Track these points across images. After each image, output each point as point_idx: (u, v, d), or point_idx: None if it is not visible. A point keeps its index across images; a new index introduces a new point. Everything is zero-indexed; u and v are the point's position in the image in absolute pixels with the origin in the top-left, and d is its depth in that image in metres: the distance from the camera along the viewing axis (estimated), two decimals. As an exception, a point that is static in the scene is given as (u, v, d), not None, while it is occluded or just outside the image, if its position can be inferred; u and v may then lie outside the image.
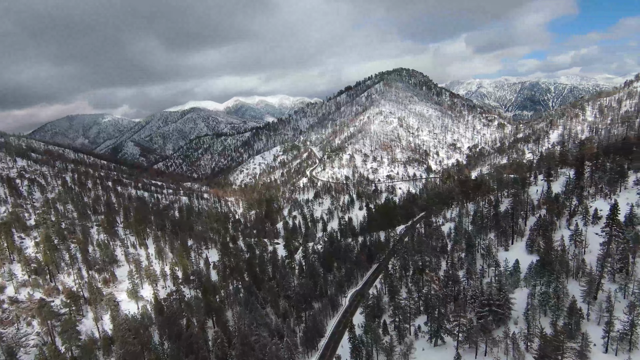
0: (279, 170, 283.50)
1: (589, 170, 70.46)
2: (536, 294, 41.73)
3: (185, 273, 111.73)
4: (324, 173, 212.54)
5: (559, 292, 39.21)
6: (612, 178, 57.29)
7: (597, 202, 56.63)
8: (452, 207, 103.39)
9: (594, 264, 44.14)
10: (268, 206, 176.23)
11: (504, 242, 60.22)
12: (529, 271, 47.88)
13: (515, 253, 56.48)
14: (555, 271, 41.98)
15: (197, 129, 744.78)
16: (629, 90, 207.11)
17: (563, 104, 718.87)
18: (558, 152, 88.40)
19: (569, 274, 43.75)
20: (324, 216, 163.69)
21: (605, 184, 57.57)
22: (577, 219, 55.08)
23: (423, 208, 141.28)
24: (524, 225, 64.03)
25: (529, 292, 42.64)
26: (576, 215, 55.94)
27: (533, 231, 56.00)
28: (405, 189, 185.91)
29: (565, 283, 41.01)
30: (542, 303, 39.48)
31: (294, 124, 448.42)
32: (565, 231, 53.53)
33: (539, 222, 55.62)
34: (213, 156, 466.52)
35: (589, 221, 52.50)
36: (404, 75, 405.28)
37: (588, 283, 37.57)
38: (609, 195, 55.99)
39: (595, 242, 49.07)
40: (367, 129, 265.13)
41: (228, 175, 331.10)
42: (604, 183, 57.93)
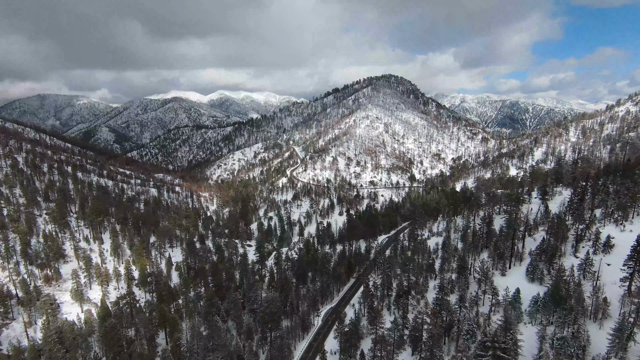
0: (258, 168, 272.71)
1: (590, 192, 65.38)
2: (547, 337, 34.80)
3: (142, 274, 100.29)
4: (305, 174, 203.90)
5: (580, 339, 32.41)
6: (621, 203, 51.71)
7: (607, 227, 50.86)
8: (439, 220, 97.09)
9: (611, 300, 37.82)
10: (243, 205, 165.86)
11: (501, 265, 53.57)
12: (533, 305, 41.06)
13: (514, 279, 49.81)
14: (572, 310, 35.20)
15: (177, 119, 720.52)
16: (611, 114, 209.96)
17: (540, 124, 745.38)
18: (552, 169, 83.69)
19: (585, 314, 37.18)
20: (301, 219, 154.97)
21: (615, 209, 51.91)
22: (584, 245, 49.13)
23: (406, 218, 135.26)
24: (522, 247, 57.69)
25: (538, 333, 35.65)
26: (583, 241, 49.90)
27: (535, 256, 49.49)
28: (388, 196, 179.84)
29: (585, 327, 34.28)
30: (559, 351, 32.57)
31: (278, 122, 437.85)
32: (572, 259, 47.29)
33: (542, 247, 49.19)
34: (191, 148, 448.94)
35: (599, 249, 46.48)
36: (392, 82, 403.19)
37: (618, 331, 30.92)
38: (621, 222, 50.33)
39: (608, 274, 42.90)
40: (353, 133, 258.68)
41: (205, 169, 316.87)
42: (614, 207, 52.28)
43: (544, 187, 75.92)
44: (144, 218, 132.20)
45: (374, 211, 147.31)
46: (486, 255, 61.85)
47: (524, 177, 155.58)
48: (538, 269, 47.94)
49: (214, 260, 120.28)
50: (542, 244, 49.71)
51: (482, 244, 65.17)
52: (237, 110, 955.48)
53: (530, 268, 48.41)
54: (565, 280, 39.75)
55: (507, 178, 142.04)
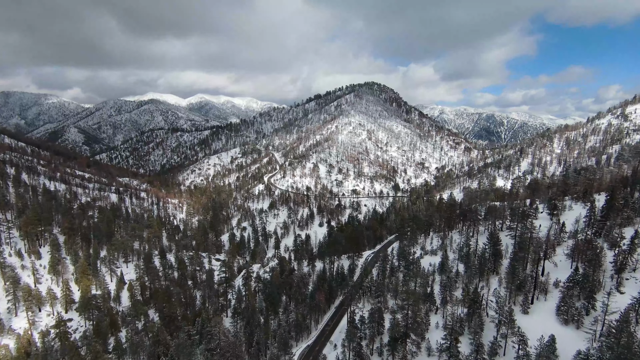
0: (234, 174, 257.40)
1: (604, 205, 56.30)
2: None
3: (84, 296, 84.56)
4: (284, 181, 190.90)
5: None
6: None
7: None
8: (431, 236, 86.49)
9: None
10: (214, 214, 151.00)
11: (521, 299, 42.79)
12: (579, 363, 30.09)
13: (541, 320, 39.08)
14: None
15: (153, 121, 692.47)
16: (594, 127, 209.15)
17: (514, 137, 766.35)
18: (559, 180, 74.95)
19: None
20: (278, 230, 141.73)
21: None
22: (628, 276, 39.16)
23: (392, 231, 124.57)
24: (542, 275, 47.24)
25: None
26: (625, 271, 39.88)
27: (566, 290, 38.92)
28: (371, 206, 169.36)
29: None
30: None
31: (257, 126, 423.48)
32: (617, 296, 36.95)
33: (575, 278, 38.73)
34: (165, 152, 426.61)
35: (650, 283, 36.52)
36: (375, 89, 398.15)
37: None
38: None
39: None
40: (335, 139, 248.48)
41: (177, 174, 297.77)
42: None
43: (552, 201, 66.58)
44: (97, 228, 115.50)
45: (357, 223, 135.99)
46: (496, 282, 51.15)
47: (513, 187, 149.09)
48: (573, 307, 37.31)
49: (176, 278, 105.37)
50: (574, 274, 39.21)
51: (490, 268, 54.49)
52: (217, 114, 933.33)
53: (563, 307, 37.73)
54: (629, 332, 29.09)
55: (496, 188, 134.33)
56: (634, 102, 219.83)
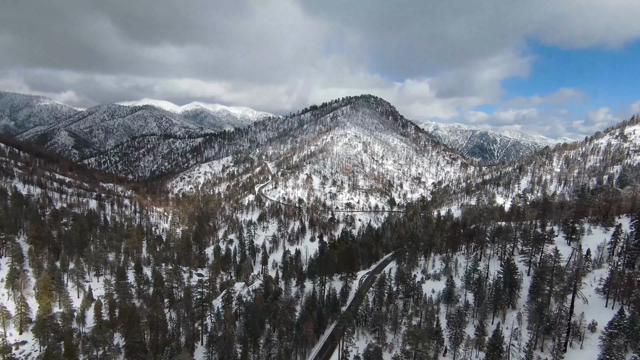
0: (225, 183, 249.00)
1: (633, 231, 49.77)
2: None
3: (42, 315, 75.24)
4: (275, 192, 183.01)
5: None
6: None
7: None
8: (432, 257, 79.07)
9: None
10: (199, 224, 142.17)
11: (551, 344, 35.38)
12: None
13: (579, 375, 31.56)
14: None
15: (147, 127, 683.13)
16: (592, 146, 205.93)
17: (507, 155, 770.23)
18: (573, 200, 68.49)
19: None
20: (266, 244, 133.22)
21: None
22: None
23: (388, 248, 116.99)
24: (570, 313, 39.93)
25: None
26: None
27: (609, 337, 31.65)
28: (366, 220, 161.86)
29: None
30: None
31: (252, 135, 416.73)
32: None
33: (621, 324, 31.57)
34: (156, 158, 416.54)
35: None
36: (372, 102, 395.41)
37: None
38: None
39: None
40: (329, 150, 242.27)
41: (166, 181, 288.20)
42: None
43: (570, 223, 59.92)
44: (68, 237, 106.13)
45: (350, 239, 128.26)
46: (513, 318, 43.72)
47: (514, 206, 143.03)
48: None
49: (150, 295, 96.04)
50: (619, 319, 32.03)
51: (505, 300, 47.12)
52: (212, 122, 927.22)
53: (608, 359, 30.35)
54: None
55: (499, 207, 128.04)
56: (632, 123, 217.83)
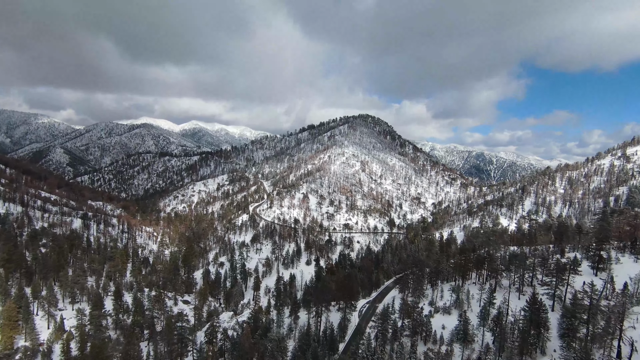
0: (219, 202, 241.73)
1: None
2: None
3: (4, 349, 66.85)
4: (270, 211, 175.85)
5: None
6: None
7: None
8: (439, 286, 71.89)
9: None
10: (188, 246, 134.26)
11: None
12: None
13: None
14: None
15: (144, 145, 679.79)
16: (595, 167, 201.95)
17: (503, 175, 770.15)
18: (597, 225, 62.25)
19: None
20: (259, 268, 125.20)
21: None
22: None
23: (388, 274, 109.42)
24: None
25: None
26: None
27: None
28: (365, 243, 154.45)
29: None
30: None
31: (248, 154, 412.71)
32: None
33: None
34: (151, 176, 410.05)
35: None
36: (369, 122, 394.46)
37: None
38: None
39: None
40: (327, 169, 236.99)
41: (159, 199, 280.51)
42: None
43: (594, 250, 53.55)
44: (44, 260, 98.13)
45: (349, 262, 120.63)
46: (545, 368, 36.65)
47: (526, 230, 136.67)
48: None
49: (129, 325, 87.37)
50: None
51: (532, 344, 40.10)
52: (210, 141, 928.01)
53: None
54: None
55: (503, 229, 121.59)
56: (634, 144, 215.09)
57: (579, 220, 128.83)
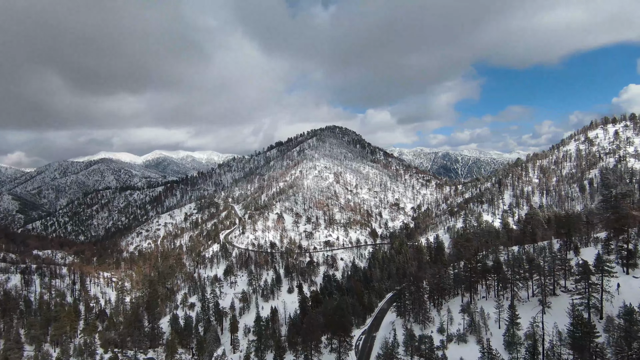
0: (188, 233, 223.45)
1: None
2: None
3: None
4: (243, 237, 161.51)
5: None
6: None
7: None
8: (443, 304, 62.04)
9: None
10: (151, 290, 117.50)
11: None
12: None
13: None
14: None
15: (103, 182, 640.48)
16: (563, 153, 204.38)
17: (469, 172, 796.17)
18: (608, 213, 55.00)
19: None
20: (235, 304, 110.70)
21: None
22: None
23: (380, 293, 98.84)
24: None
25: None
26: None
27: None
28: (349, 259, 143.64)
29: None
30: None
31: (216, 178, 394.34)
32: None
33: None
34: (111, 214, 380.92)
35: None
36: (337, 132, 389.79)
37: None
38: None
39: None
40: (300, 185, 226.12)
41: (121, 238, 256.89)
42: None
43: (617, 243, 45.77)
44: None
45: (334, 284, 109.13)
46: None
47: (504, 223, 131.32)
48: None
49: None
50: None
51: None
52: (176, 170, 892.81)
53: None
54: None
55: (495, 227, 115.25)
56: (593, 128, 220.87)
57: (584, 210, 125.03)
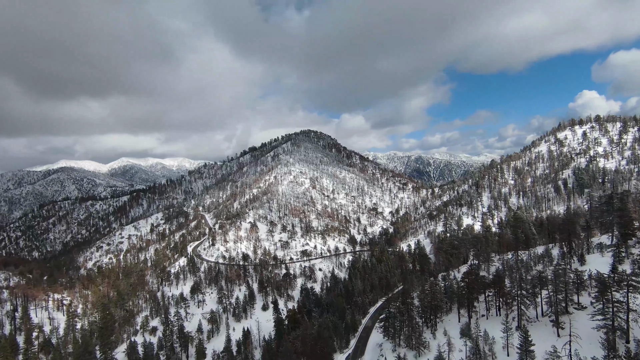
0: (154, 246, 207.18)
1: None
2: None
3: None
4: (213, 250, 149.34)
5: None
6: None
7: None
8: (435, 324, 54.83)
9: None
10: (105, 314, 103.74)
11: None
12: None
13: None
14: None
15: (64, 192, 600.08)
16: (535, 155, 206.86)
17: (441, 175, 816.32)
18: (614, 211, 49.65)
19: None
20: (203, 325, 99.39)
21: None
22: None
23: (364, 307, 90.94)
24: None
25: None
26: None
27: None
28: (327, 268, 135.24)
29: None
30: None
31: (186, 186, 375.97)
32: None
33: None
34: (70, 226, 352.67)
35: None
36: (312, 136, 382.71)
37: None
38: None
39: None
40: (274, 191, 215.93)
41: (78, 254, 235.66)
42: None
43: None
44: None
45: (313, 298, 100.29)
46: None
47: (484, 225, 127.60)
48: None
49: None
50: None
51: None
52: (145, 178, 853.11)
53: None
54: None
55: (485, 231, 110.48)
56: (561, 129, 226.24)
57: (568, 211, 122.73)
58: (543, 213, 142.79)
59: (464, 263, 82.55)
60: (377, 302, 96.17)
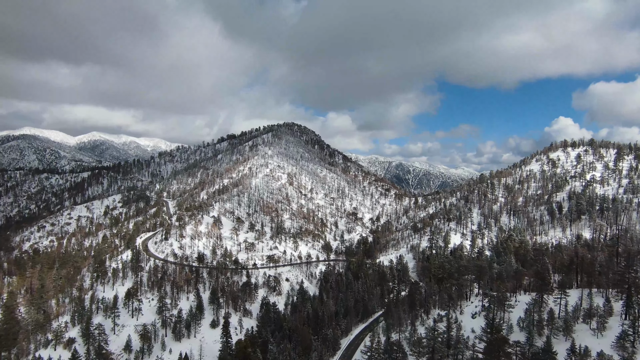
0: (104, 231, 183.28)
1: None
2: None
3: None
4: (165, 245, 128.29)
5: None
6: None
7: None
8: None
9: None
10: (7, 319, 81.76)
11: None
12: None
13: None
14: None
15: (23, 161, 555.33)
16: (527, 173, 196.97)
17: (419, 184, 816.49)
18: None
19: None
20: (133, 343, 79.42)
21: None
22: None
23: (334, 340, 73.85)
24: None
25: None
26: None
27: None
28: (296, 279, 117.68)
29: None
30: None
31: (154, 168, 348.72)
32: None
33: None
34: (18, 199, 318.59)
35: None
36: (296, 130, 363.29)
37: None
38: None
39: None
40: (247, 184, 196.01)
41: (15, 233, 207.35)
42: None
43: None
44: None
45: (274, 317, 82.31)
46: None
47: (474, 245, 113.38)
48: None
49: None
50: None
51: None
52: (116, 155, 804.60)
53: None
54: None
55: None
56: (553, 149, 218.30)
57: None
58: (537, 237, 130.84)
59: (464, 297, 66.91)
60: (351, 331, 79.48)
